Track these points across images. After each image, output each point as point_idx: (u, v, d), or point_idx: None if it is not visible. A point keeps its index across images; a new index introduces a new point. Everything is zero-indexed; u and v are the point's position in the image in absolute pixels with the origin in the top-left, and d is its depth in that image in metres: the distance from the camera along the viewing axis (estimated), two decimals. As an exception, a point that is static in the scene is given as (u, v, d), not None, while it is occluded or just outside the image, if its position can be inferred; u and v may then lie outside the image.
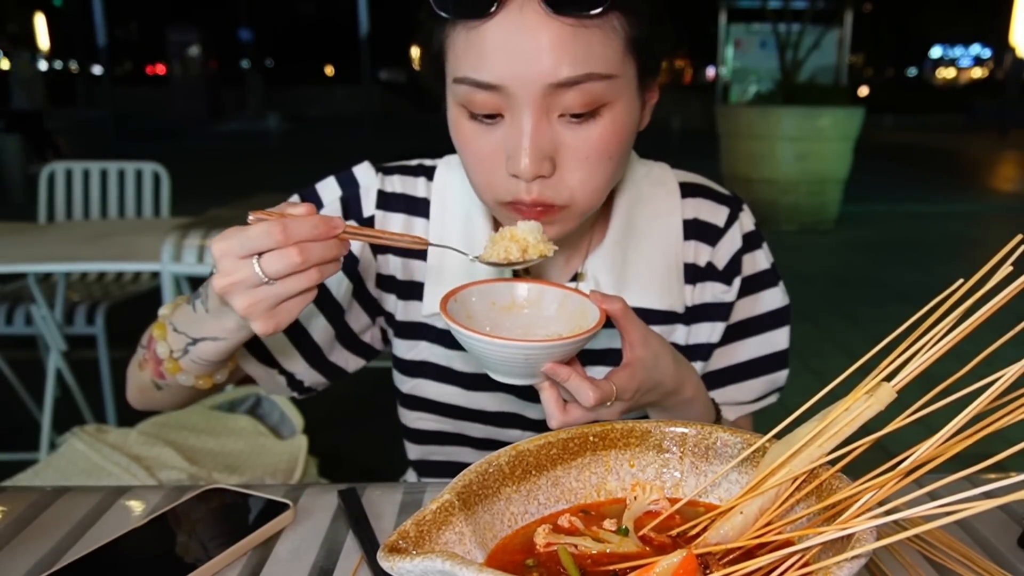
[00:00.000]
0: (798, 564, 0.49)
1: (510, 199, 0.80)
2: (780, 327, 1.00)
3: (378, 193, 0.96)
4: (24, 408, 2.85)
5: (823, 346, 4.01)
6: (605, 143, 0.78)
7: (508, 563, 0.54)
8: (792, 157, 6.94)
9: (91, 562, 0.68)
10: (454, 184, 0.97)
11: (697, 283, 0.97)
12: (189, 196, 4.04)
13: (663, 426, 0.63)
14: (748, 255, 0.98)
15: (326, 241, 0.68)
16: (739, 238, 0.97)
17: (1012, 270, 0.48)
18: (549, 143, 0.77)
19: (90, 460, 1.40)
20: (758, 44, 10.87)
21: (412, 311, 0.97)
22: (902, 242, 6.51)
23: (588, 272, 0.94)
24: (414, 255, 0.96)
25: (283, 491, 0.81)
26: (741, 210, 0.99)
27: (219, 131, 16.25)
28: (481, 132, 0.79)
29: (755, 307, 0.99)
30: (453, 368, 0.98)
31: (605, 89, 0.76)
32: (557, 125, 0.77)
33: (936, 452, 0.49)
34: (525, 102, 0.75)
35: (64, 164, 3.22)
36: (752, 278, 0.98)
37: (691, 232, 0.97)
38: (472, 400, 0.98)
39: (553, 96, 0.75)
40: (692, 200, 0.98)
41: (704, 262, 0.97)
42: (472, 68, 0.76)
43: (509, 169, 0.78)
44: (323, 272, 0.69)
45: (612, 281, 0.94)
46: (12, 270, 2.30)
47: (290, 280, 0.67)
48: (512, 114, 0.77)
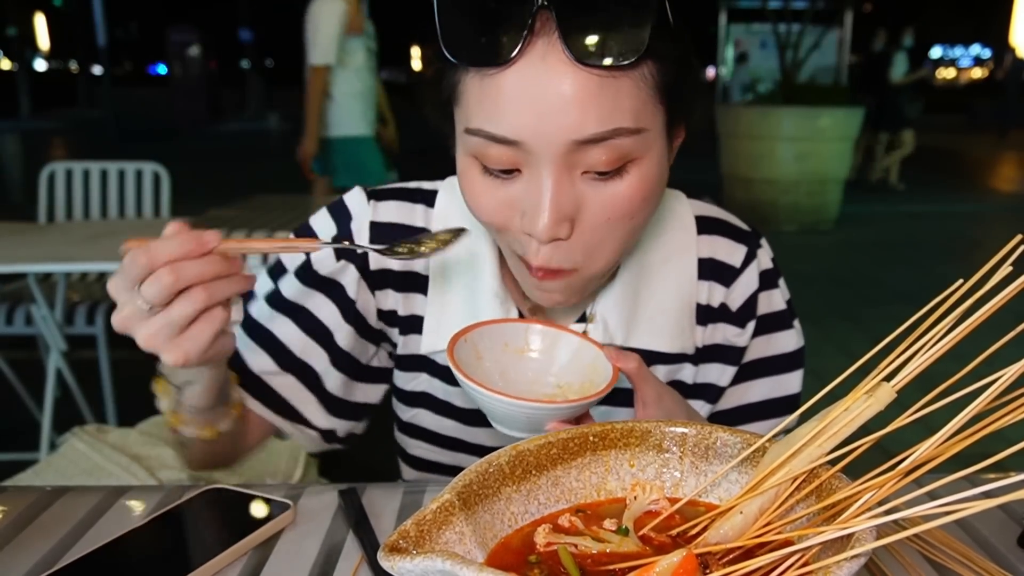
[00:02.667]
0: (798, 564, 0.49)
1: (521, 253, 0.75)
2: (793, 371, 0.95)
3: (370, 225, 0.90)
4: (24, 408, 2.85)
5: (823, 346, 4.01)
6: (630, 202, 0.72)
7: (508, 563, 0.54)
8: (792, 157, 6.95)
9: (91, 562, 0.68)
10: (456, 211, 0.90)
11: (709, 324, 0.93)
12: (189, 196, 4.04)
13: (663, 426, 0.63)
14: (764, 294, 0.93)
15: (202, 258, 0.64)
16: (755, 278, 0.92)
17: (1012, 270, 0.48)
18: (570, 203, 0.70)
19: (90, 460, 1.40)
20: (758, 44, 10.86)
21: (412, 345, 0.94)
22: (902, 242, 6.51)
23: (597, 314, 0.89)
24: (413, 289, 0.92)
25: (283, 491, 0.81)
26: (759, 247, 0.94)
27: (219, 131, 16.25)
28: (495, 187, 0.73)
29: (768, 348, 0.95)
30: (452, 403, 0.95)
31: (633, 144, 0.69)
32: (580, 184, 0.70)
33: (936, 452, 0.49)
34: (546, 159, 0.68)
35: (64, 164, 3.22)
36: (767, 318, 0.94)
37: (706, 272, 0.92)
38: (470, 434, 0.96)
39: (577, 153, 0.68)
40: (708, 238, 0.92)
41: (718, 303, 0.92)
42: (487, 120, 0.69)
43: (524, 228, 0.72)
44: (211, 290, 0.65)
45: (621, 323, 0.89)
46: (12, 270, 2.31)
47: (177, 304, 0.64)
48: (531, 171, 0.70)
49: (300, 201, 2.85)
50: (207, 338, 0.66)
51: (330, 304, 0.91)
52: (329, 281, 0.91)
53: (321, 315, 0.91)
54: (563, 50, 0.66)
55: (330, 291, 0.91)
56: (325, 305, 0.91)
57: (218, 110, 19.16)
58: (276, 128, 16.43)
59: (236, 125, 17.32)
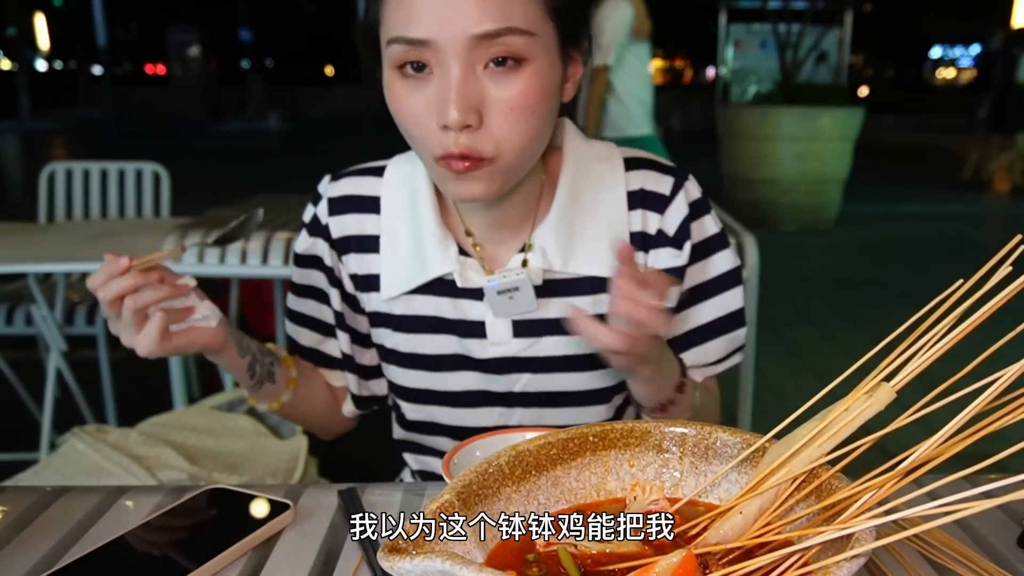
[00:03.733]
0: (798, 564, 0.49)
1: (441, 152, 0.84)
2: (733, 288, 1.03)
3: (328, 202, 1.05)
4: (24, 408, 2.85)
5: (823, 346, 4.01)
6: (528, 96, 0.83)
7: (508, 563, 0.54)
8: (792, 157, 6.94)
9: (91, 562, 0.68)
10: (402, 176, 1.03)
11: (650, 250, 1.00)
12: (189, 196, 4.04)
13: (663, 426, 0.64)
14: (696, 222, 1.00)
15: (122, 276, 0.83)
16: (686, 205, 0.99)
17: (1012, 270, 0.48)
18: (475, 94, 0.82)
19: (90, 460, 1.40)
20: (758, 44, 10.86)
21: (374, 301, 1.04)
22: (902, 242, 6.51)
23: (535, 243, 0.98)
24: (369, 249, 1.03)
25: (283, 491, 0.81)
26: (687, 179, 1.01)
27: (219, 131, 16.25)
28: (413, 89, 0.84)
29: (707, 271, 1.02)
30: (416, 352, 1.02)
31: (526, 45, 0.82)
32: (483, 78, 0.82)
33: (936, 452, 0.49)
34: (452, 55, 0.81)
35: (64, 164, 3.22)
36: (701, 244, 1.01)
37: (637, 202, 1.00)
38: (438, 382, 1.02)
39: (477, 48, 0.81)
40: (637, 172, 1.01)
41: (654, 229, 1.00)
42: (403, 26, 0.82)
43: (439, 121, 0.82)
44: (136, 299, 0.84)
45: (558, 250, 0.97)
46: (12, 270, 2.31)
47: (123, 312, 0.84)
48: (441, 68, 0.82)
49: (300, 201, 2.85)
50: (155, 333, 0.84)
51: (319, 273, 1.06)
52: (309, 257, 1.06)
53: (319, 284, 1.07)
54: None
55: (315, 263, 1.06)
56: (317, 275, 1.07)
57: (218, 110, 19.15)
58: (276, 128, 16.44)
59: (236, 125, 17.31)
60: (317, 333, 1.09)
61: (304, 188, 1.06)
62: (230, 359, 0.95)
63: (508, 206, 0.97)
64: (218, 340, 0.91)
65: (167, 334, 0.86)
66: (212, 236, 0.90)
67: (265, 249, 2.08)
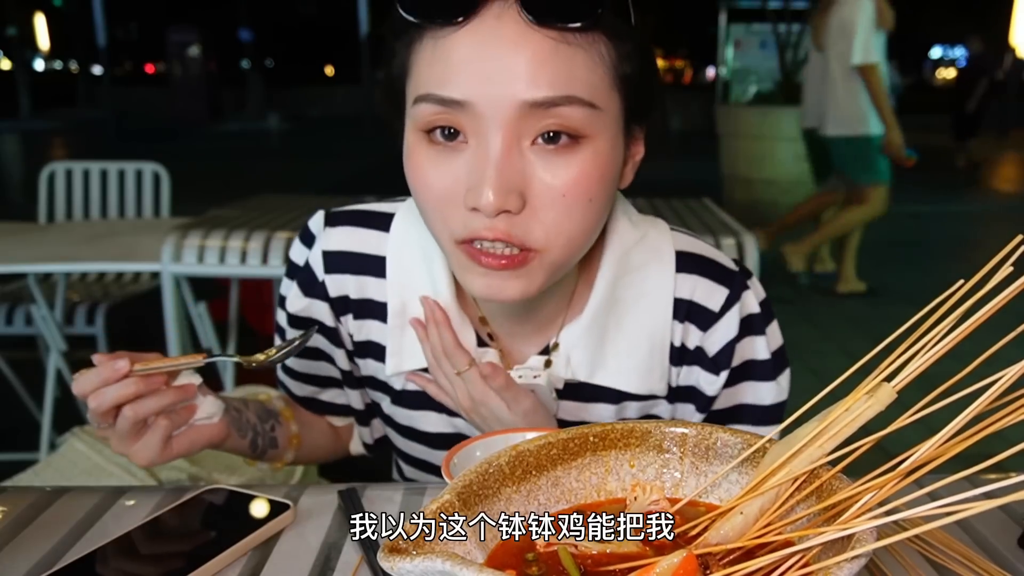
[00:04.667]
0: (798, 564, 0.49)
1: (466, 235, 0.70)
2: (767, 425, 0.88)
3: (323, 256, 0.90)
4: (24, 408, 2.84)
5: (823, 346, 4.01)
6: (585, 179, 0.69)
7: (508, 564, 0.54)
8: (792, 157, 6.93)
9: (91, 562, 0.68)
10: (414, 238, 0.87)
11: (683, 366, 0.88)
12: (189, 196, 4.03)
13: (663, 426, 0.63)
14: (744, 341, 0.87)
15: (120, 383, 0.71)
16: (736, 325, 0.86)
17: (1012, 271, 0.48)
18: (519, 174, 0.67)
19: (90, 460, 1.39)
20: (758, 44, 10.86)
21: (368, 369, 0.96)
22: (902, 242, 6.50)
23: (562, 346, 0.86)
24: (369, 316, 0.92)
25: (283, 491, 0.81)
26: (745, 288, 0.87)
27: (219, 131, 16.24)
28: (440, 160, 0.69)
29: (741, 396, 0.89)
30: (416, 428, 0.96)
31: (587, 119, 0.68)
32: (529, 155, 0.68)
33: (936, 453, 0.49)
34: (495, 123, 0.66)
35: (64, 164, 3.22)
36: (744, 367, 0.87)
37: (682, 313, 0.86)
38: (438, 458, 0.96)
39: (528, 119, 0.67)
40: (688, 277, 0.86)
41: (693, 345, 0.87)
42: (437, 84, 0.67)
43: (468, 202, 0.68)
44: (136, 408, 0.73)
45: (586, 359, 0.85)
46: (12, 270, 2.31)
47: (117, 421, 0.74)
48: (478, 139, 0.67)
49: (300, 201, 2.85)
50: (156, 443, 0.75)
51: (319, 336, 0.95)
52: (307, 319, 0.95)
53: (319, 346, 0.97)
54: (519, 11, 0.65)
55: (312, 326, 0.94)
56: (316, 338, 0.95)
57: (218, 110, 19.15)
58: (276, 128, 16.43)
59: (236, 125, 17.31)
60: (313, 385, 1.01)
61: (304, 188, 1.06)
62: (231, 446, 0.86)
63: (535, 303, 0.84)
64: (220, 436, 0.82)
65: (168, 441, 0.77)
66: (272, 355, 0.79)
67: (265, 249, 2.08)
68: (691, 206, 2.56)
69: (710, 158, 7.50)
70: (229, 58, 22.70)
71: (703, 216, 2.38)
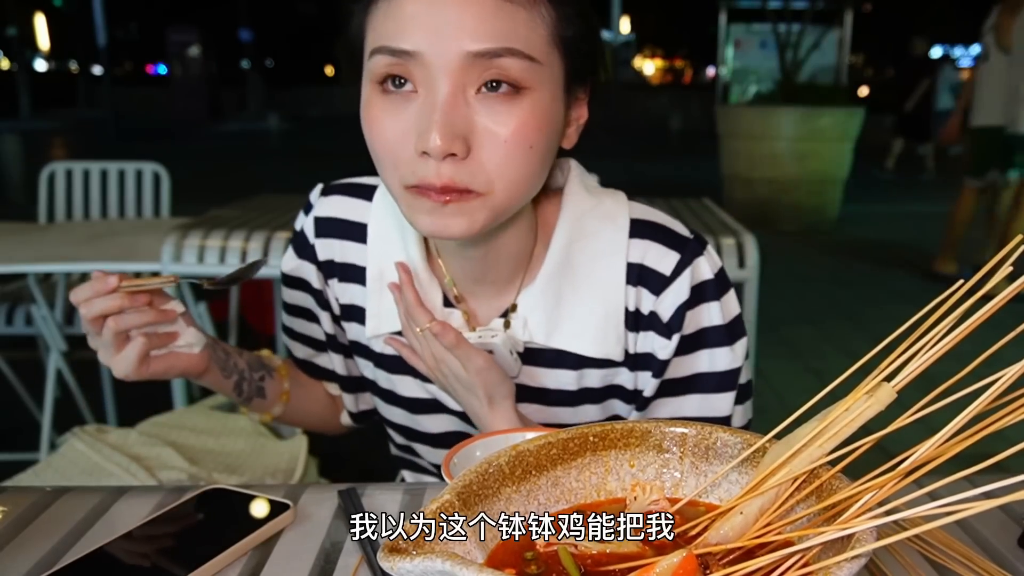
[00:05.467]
0: (798, 564, 0.49)
1: (415, 181, 0.74)
2: (722, 392, 0.89)
3: (315, 221, 0.99)
4: (24, 408, 2.84)
5: (823, 346, 4.01)
6: (524, 128, 0.74)
7: (508, 563, 0.54)
8: (792, 157, 6.94)
9: (91, 562, 0.68)
10: (391, 205, 0.93)
11: (640, 331, 0.89)
12: (189, 196, 4.04)
13: (663, 426, 0.63)
14: (696, 309, 0.87)
15: (108, 295, 0.80)
16: (686, 289, 0.86)
17: (1012, 270, 0.48)
18: (463, 120, 0.72)
19: (90, 460, 1.40)
20: (758, 44, 10.86)
21: (353, 332, 1.01)
22: (902, 242, 6.51)
23: (519, 308, 0.90)
24: (351, 279, 0.98)
25: (283, 491, 0.81)
26: (698, 255, 0.87)
27: (219, 131, 16.24)
28: (392, 109, 0.75)
29: (695, 364, 0.89)
30: (396, 392, 0.99)
31: (526, 71, 0.73)
32: (474, 103, 0.73)
33: (936, 452, 0.49)
34: (442, 72, 0.72)
35: (64, 164, 3.22)
36: (693, 337, 0.88)
37: (634, 277, 0.88)
38: (417, 422, 1.00)
39: (472, 69, 0.72)
40: (641, 242, 0.88)
41: (647, 310, 0.88)
42: (390, 36, 0.73)
43: (418, 146, 0.72)
44: (119, 321, 0.81)
45: (542, 323, 0.88)
46: (12, 270, 2.30)
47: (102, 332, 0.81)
48: (427, 87, 0.73)
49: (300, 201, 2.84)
50: (133, 357, 0.82)
51: (307, 295, 1.03)
52: (297, 279, 1.03)
53: (308, 305, 1.04)
54: None
55: (302, 286, 1.03)
56: (305, 297, 1.03)
57: (218, 110, 19.15)
58: (276, 128, 16.43)
59: (236, 125, 17.31)
60: (309, 348, 1.07)
61: (304, 188, 1.06)
62: (213, 381, 0.93)
63: (492, 262, 0.88)
64: (198, 367, 0.88)
65: (146, 359, 0.84)
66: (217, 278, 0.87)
67: (265, 249, 2.08)
68: (691, 206, 2.56)
69: (710, 158, 7.50)
70: (229, 58, 22.70)
71: (703, 216, 2.38)
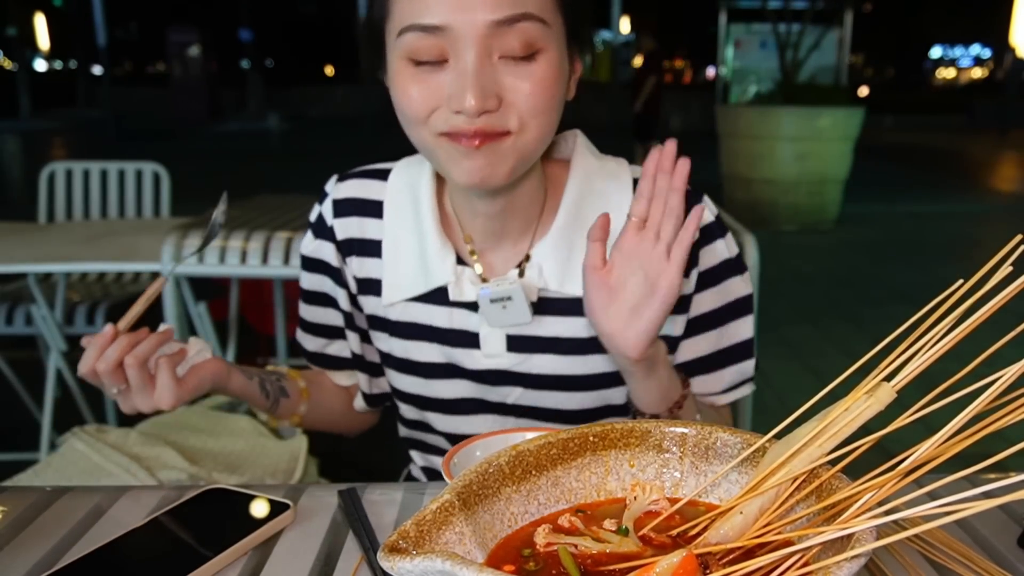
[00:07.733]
0: (798, 564, 0.49)
1: (447, 128, 0.83)
2: (742, 317, 1.01)
3: (333, 203, 1.05)
4: (24, 408, 2.84)
5: (823, 346, 4.01)
6: (545, 82, 0.84)
7: (508, 563, 0.54)
8: (792, 157, 6.94)
9: (91, 562, 0.68)
10: (405, 181, 1.02)
11: None
12: (189, 196, 4.03)
13: (663, 426, 0.64)
14: (705, 248, 0.98)
15: (114, 342, 0.86)
16: None
17: (1012, 270, 0.48)
18: (492, 82, 0.82)
19: (90, 460, 1.40)
20: (758, 44, 10.86)
21: (371, 305, 1.05)
22: (902, 242, 6.51)
23: (533, 258, 0.97)
24: (369, 253, 1.03)
25: (283, 491, 0.81)
26: (699, 202, 0.97)
27: (219, 131, 16.24)
28: (423, 78, 0.83)
29: (716, 299, 0.99)
30: (411, 359, 1.03)
31: (540, 33, 0.83)
32: (500, 66, 0.82)
33: (936, 452, 0.49)
34: (469, 42, 0.80)
35: (64, 164, 3.22)
36: (710, 271, 0.98)
37: None
38: (431, 388, 1.03)
39: (494, 36, 0.81)
40: None
41: None
42: (418, 14, 0.81)
43: (452, 106, 0.81)
44: (136, 355, 0.86)
45: (556, 270, 0.96)
46: (12, 270, 2.30)
47: (129, 376, 0.87)
48: (456, 57, 0.81)
49: (300, 201, 2.85)
50: (169, 381, 0.87)
51: (326, 277, 1.07)
52: (315, 260, 1.07)
53: (325, 288, 1.07)
54: None
55: (321, 267, 1.07)
56: (324, 279, 1.07)
57: (218, 110, 19.15)
58: (276, 128, 16.43)
59: (236, 125, 17.30)
60: (323, 337, 1.11)
61: (304, 188, 1.06)
62: (240, 385, 0.96)
63: (509, 215, 0.96)
64: (222, 370, 0.93)
65: (178, 380, 0.88)
66: (188, 250, 0.93)
67: (265, 249, 2.08)
68: (691, 206, 2.56)
69: (710, 158, 7.50)
70: (229, 58, 22.70)
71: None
